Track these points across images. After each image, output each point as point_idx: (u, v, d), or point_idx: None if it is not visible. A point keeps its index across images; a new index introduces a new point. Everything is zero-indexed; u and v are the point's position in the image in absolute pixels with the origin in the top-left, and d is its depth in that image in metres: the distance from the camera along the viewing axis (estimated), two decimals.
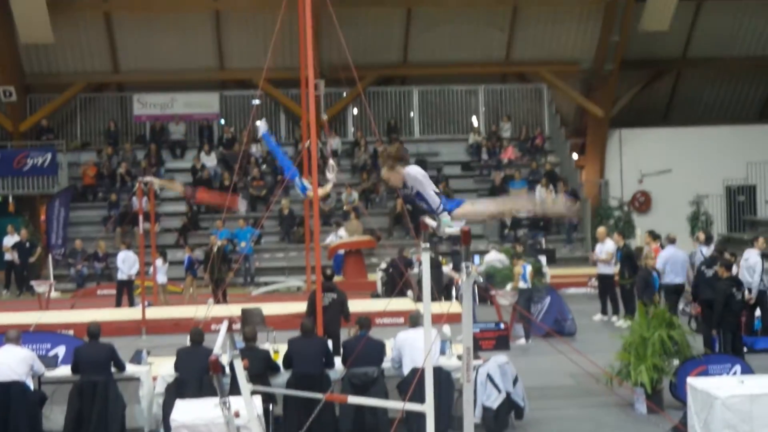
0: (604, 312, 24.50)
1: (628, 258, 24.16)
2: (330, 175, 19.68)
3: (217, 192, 29.09)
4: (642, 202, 40.71)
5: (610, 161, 41.27)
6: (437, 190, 9.91)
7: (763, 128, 41.14)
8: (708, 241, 24.37)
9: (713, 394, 13.17)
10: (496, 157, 39.78)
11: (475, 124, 41.78)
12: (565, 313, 22.75)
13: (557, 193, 36.40)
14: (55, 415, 15.15)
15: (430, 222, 10.65)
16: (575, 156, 41.36)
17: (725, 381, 14.25)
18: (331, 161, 20.20)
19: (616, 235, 25.73)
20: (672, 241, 23.41)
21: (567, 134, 41.40)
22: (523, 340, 21.58)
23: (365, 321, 15.49)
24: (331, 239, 33.15)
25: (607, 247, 24.72)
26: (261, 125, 20.15)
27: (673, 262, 22.45)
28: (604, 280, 24.63)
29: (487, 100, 42.19)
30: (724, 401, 12.98)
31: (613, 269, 24.43)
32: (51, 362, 15.88)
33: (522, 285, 21.90)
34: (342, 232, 33.74)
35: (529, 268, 22.21)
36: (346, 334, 17.59)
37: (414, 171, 9.84)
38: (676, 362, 15.89)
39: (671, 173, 40.15)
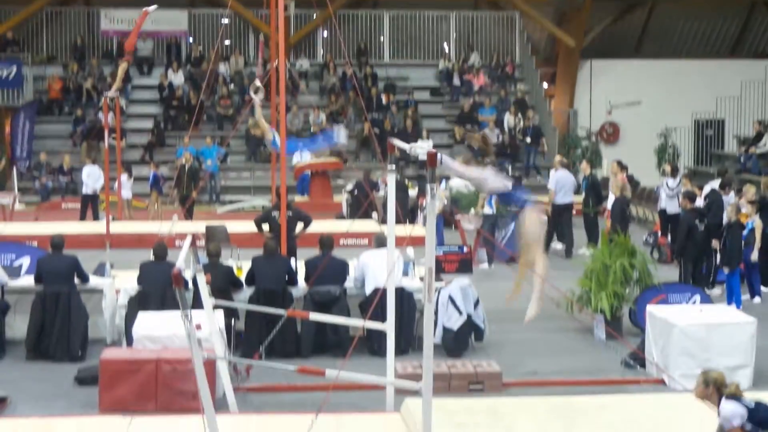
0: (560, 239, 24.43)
1: (594, 187, 24.28)
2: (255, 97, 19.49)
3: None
4: (610, 133, 40.74)
5: (579, 91, 41.22)
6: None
7: (734, 63, 41.18)
8: (674, 173, 24.47)
9: (672, 322, 13.32)
10: (466, 83, 39.69)
11: (446, 50, 41.64)
12: None
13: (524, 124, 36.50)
14: (17, 324, 15.16)
15: (399, 144, 10.69)
16: (545, 85, 41.31)
17: (684, 309, 14.43)
18: (257, 81, 20.04)
19: (584, 163, 25.82)
20: (563, 164, 24.97)
21: (538, 63, 41.30)
22: (486, 265, 21.71)
23: (327, 240, 15.54)
24: (297, 159, 33.07)
25: (558, 174, 24.71)
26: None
27: (563, 184, 23.93)
28: (558, 210, 24.41)
29: (458, 26, 42.01)
30: (683, 329, 13.14)
31: (569, 199, 24.40)
32: (14, 272, 15.91)
33: (487, 210, 21.99)
34: (306, 154, 33.61)
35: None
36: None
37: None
38: (637, 291, 16.06)
39: (640, 105, 40.16)
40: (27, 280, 15.56)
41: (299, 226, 18.34)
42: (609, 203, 22.90)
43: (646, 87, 39.95)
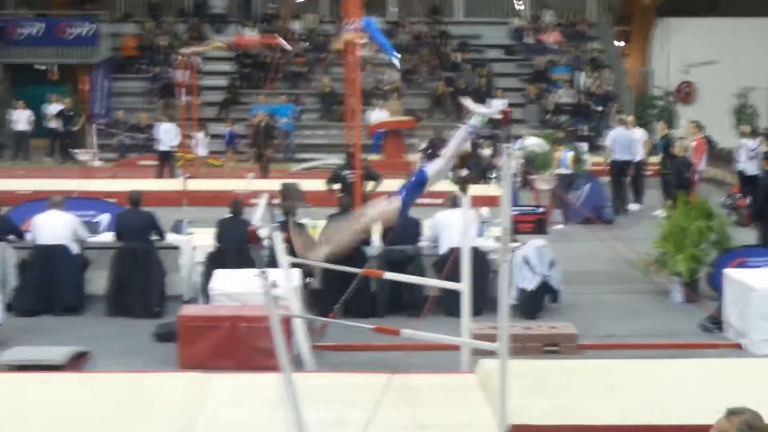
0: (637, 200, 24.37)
1: (668, 148, 24.07)
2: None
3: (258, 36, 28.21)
4: (686, 93, 40.27)
5: (655, 50, 40.80)
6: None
7: None
8: (753, 134, 24.19)
9: (750, 286, 13.18)
10: (539, 42, 39.42)
11: (519, 7, 41.34)
12: (604, 200, 22.76)
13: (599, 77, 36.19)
14: (97, 280, 15.39)
15: (469, 104, 10.65)
16: (620, 44, 40.89)
17: (763, 273, 14.25)
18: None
19: (661, 123, 25.60)
20: (622, 122, 25.64)
21: (612, 21, 40.91)
22: (561, 225, 21.64)
23: None
24: (369, 117, 33.14)
25: (639, 135, 24.63)
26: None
27: (620, 142, 24.24)
28: (618, 166, 24.55)
29: None
30: (762, 293, 12.99)
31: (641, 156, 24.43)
32: (94, 228, 16.12)
33: (562, 170, 21.89)
34: (384, 112, 33.64)
35: (569, 154, 22.18)
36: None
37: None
38: (714, 254, 15.91)
39: (718, 65, 39.60)
40: (106, 237, 15.77)
41: (370, 184, 18.41)
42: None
43: (723, 46, 39.30)
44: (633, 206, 24.05)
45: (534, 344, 12.75)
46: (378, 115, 33.31)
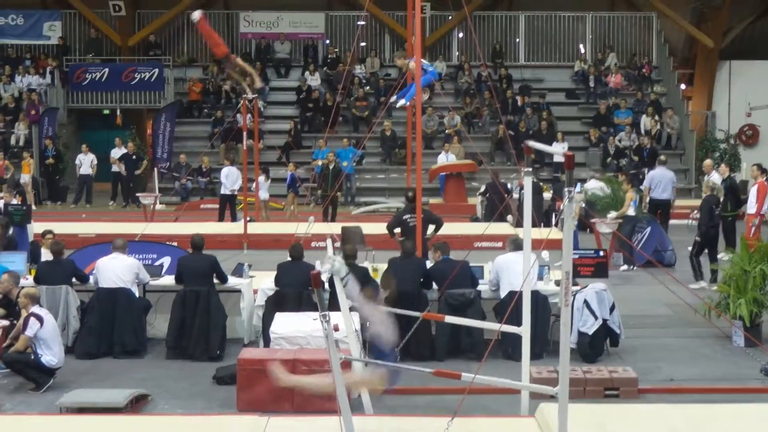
0: None
1: (732, 190, 23.84)
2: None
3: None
4: (749, 136, 39.96)
5: (718, 93, 40.58)
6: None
7: None
8: None
9: None
10: (602, 85, 39.37)
11: (582, 51, 41.35)
12: (666, 243, 22.60)
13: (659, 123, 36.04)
14: (158, 323, 15.52)
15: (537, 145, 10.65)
16: (683, 86, 40.73)
17: None
18: None
19: (722, 167, 25.42)
20: (661, 162, 26.29)
21: (675, 64, 40.78)
22: (625, 267, 21.48)
23: (443, 246, 15.56)
24: (441, 159, 33.31)
25: (713, 178, 24.50)
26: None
27: (658, 180, 25.04)
28: (654, 204, 24.93)
29: (594, 28, 41.72)
30: None
31: (667, 196, 24.76)
32: (156, 271, 16.23)
33: (631, 212, 21.79)
34: (451, 155, 33.74)
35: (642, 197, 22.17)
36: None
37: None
38: None
39: None
40: (168, 280, 15.88)
41: (431, 228, 18.43)
42: (749, 207, 22.37)
43: None
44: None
45: (594, 388, 12.68)
46: (444, 159, 33.47)
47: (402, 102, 19.64)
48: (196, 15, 22.00)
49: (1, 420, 11.60)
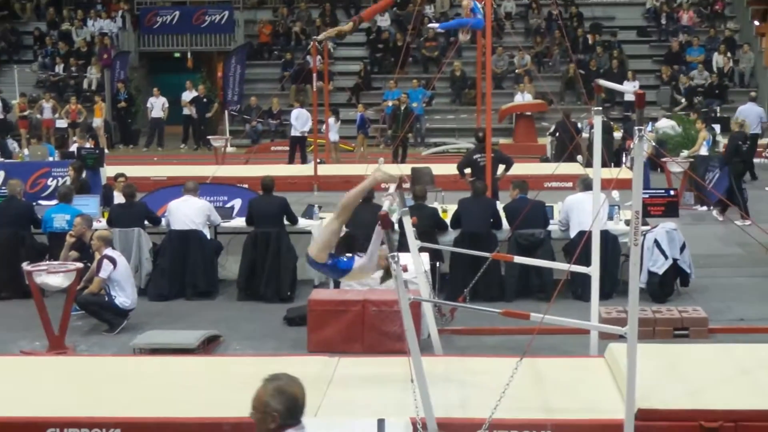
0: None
1: None
2: None
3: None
4: None
5: None
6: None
7: None
8: None
9: None
10: (673, 22, 38.84)
11: None
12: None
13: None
14: (230, 264, 15.67)
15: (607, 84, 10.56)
16: (756, 23, 40.04)
17: None
18: None
19: None
20: (752, 98, 27.90)
21: (748, 0, 40.08)
22: (703, 208, 21.29)
23: (522, 184, 15.53)
24: (517, 99, 33.18)
25: (743, 107, 24.53)
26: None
27: (746, 115, 25.61)
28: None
29: None
30: None
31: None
32: (227, 213, 16.36)
33: (703, 152, 21.54)
34: (527, 95, 33.52)
35: (715, 136, 21.94)
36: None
37: None
38: None
39: None
40: (239, 222, 15.99)
41: (501, 168, 18.39)
42: None
43: None
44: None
45: (663, 328, 12.64)
46: (520, 99, 33.31)
47: (436, 26, 19.63)
48: None
49: (75, 361, 11.80)
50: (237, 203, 17.20)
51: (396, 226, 13.31)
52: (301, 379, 5.57)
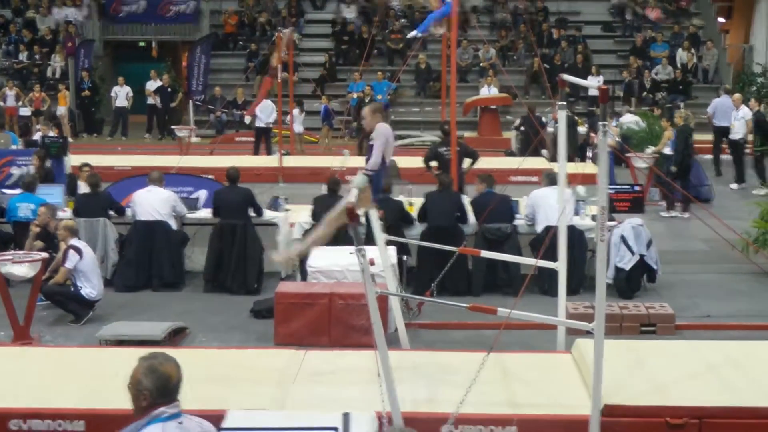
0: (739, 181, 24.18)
1: (760, 125, 23.73)
2: None
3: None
4: None
5: (756, 26, 40.06)
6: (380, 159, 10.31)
7: None
8: None
9: None
10: (638, 18, 38.98)
11: None
12: (702, 179, 22.46)
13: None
14: (196, 256, 15.64)
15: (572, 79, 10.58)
16: (721, 20, 40.26)
17: None
18: None
19: (752, 101, 25.34)
20: (726, 90, 28.22)
21: None
22: (673, 213, 21.35)
23: (488, 178, 15.56)
24: (484, 92, 33.17)
25: (742, 113, 24.44)
26: None
27: (722, 109, 25.87)
28: (733, 146, 24.75)
29: None
30: None
31: (742, 135, 24.41)
32: (192, 204, 16.30)
33: (668, 151, 21.56)
34: (493, 89, 33.50)
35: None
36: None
37: (384, 129, 10.35)
38: None
39: None
40: (205, 213, 15.94)
41: (467, 161, 18.39)
42: None
43: None
44: (733, 186, 23.80)
45: (630, 324, 12.71)
46: (487, 92, 33.30)
47: (414, 33, 19.61)
48: None
49: (41, 351, 11.72)
50: (202, 194, 17.14)
51: (362, 219, 13.33)
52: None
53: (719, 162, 25.34)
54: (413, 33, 19.64)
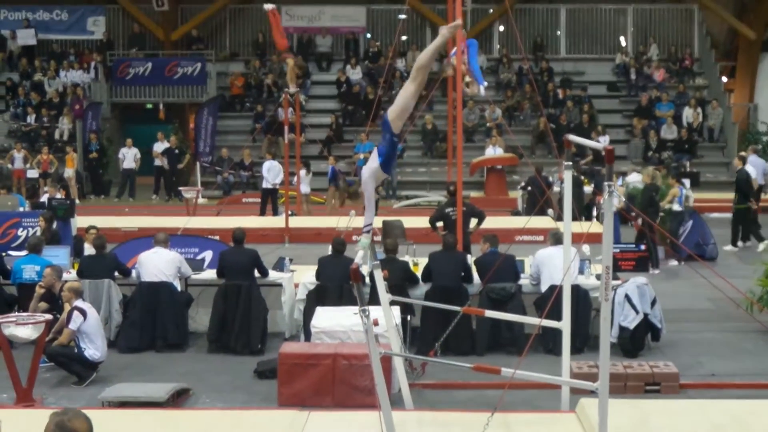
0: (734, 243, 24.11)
1: (739, 183, 23.71)
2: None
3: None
4: None
5: (760, 85, 40.31)
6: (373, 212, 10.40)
7: None
8: None
9: None
10: (643, 77, 39.18)
11: (623, 44, 41.18)
12: (707, 237, 22.47)
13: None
14: (200, 317, 15.61)
15: (577, 139, 10.63)
16: (724, 79, 40.48)
17: None
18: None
19: (735, 159, 25.54)
20: (755, 150, 28.21)
21: (717, 57, 40.53)
22: (676, 263, 21.33)
23: (492, 238, 15.56)
24: (489, 153, 33.29)
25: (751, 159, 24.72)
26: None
27: (760, 168, 26.34)
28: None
29: (635, 20, 41.53)
30: None
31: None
32: (198, 265, 16.30)
33: (676, 208, 21.60)
34: (498, 149, 33.62)
35: (685, 191, 22.00)
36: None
37: (366, 174, 10.34)
38: None
39: None
40: (209, 274, 15.95)
41: (473, 222, 18.42)
42: None
43: None
44: (729, 247, 23.72)
45: (635, 383, 12.65)
46: (492, 152, 33.42)
47: (482, 86, 19.73)
48: (268, 6, 24.53)
49: (44, 413, 11.68)
50: (208, 255, 17.18)
51: (367, 280, 13.35)
52: None
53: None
54: (482, 86, 19.58)
